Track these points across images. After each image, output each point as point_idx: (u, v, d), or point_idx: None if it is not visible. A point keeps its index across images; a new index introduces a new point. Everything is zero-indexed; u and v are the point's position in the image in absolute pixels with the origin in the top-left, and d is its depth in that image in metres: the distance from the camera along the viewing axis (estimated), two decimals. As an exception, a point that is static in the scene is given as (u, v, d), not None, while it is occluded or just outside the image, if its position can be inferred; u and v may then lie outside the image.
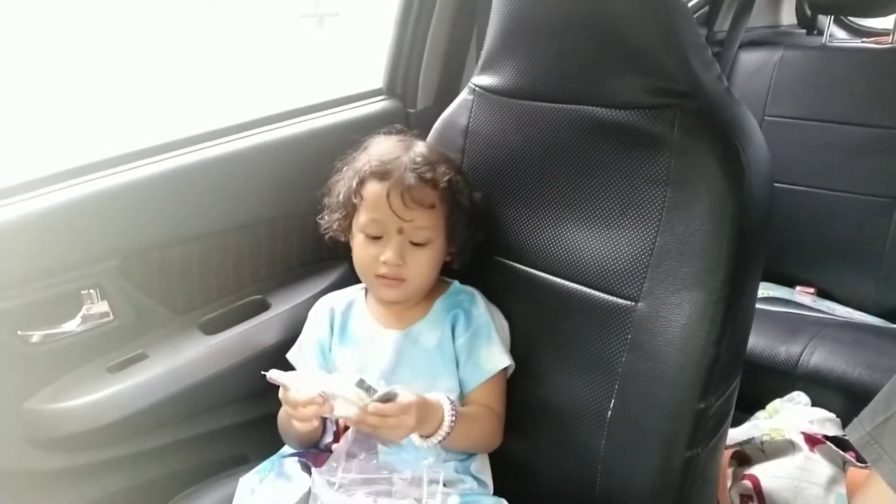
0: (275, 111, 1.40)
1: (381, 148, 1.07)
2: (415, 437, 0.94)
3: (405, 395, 0.90)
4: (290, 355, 1.12)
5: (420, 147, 1.07)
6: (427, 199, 1.02)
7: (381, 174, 1.02)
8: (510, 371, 1.06)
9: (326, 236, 1.11)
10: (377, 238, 1.03)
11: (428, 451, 0.96)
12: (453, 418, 0.95)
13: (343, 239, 1.10)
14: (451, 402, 0.96)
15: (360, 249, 1.05)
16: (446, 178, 1.03)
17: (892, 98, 1.82)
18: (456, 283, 1.11)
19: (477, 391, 1.04)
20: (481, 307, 1.07)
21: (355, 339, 1.08)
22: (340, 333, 1.10)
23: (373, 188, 1.02)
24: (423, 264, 1.04)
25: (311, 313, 1.14)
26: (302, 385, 0.91)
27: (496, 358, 1.04)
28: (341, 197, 1.06)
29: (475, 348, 1.04)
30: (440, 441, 0.94)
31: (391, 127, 1.13)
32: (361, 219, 1.04)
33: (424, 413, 0.92)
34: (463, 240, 1.07)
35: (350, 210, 1.06)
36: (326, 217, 1.10)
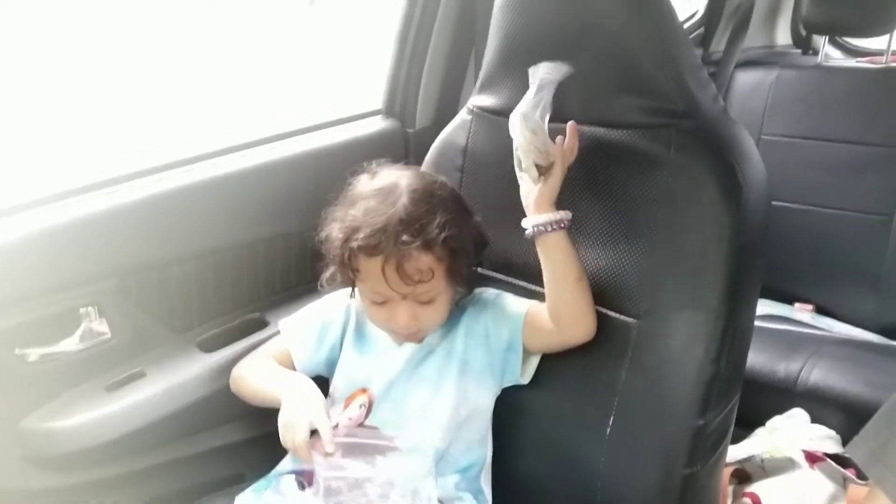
0: (274, 131, 1.41)
1: (365, 207, 0.96)
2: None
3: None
4: (285, 327, 1.12)
5: (405, 199, 0.95)
6: (425, 267, 0.94)
7: (372, 249, 0.92)
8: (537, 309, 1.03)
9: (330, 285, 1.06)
10: (383, 304, 0.99)
11: (424, 464, 0.96)
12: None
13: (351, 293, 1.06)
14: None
15: (370, 310, 1.02)
16: (440, 236, 0.93)
17: (886, 116, 1.84)
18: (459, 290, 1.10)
19: (525, 334, 1.02)
20: (486, 290, 1.08)
21: (370, 348, 1.08)
22: (356, 337, 1.09)
23: (366, 265, 0.95)
24: (436, 314, 1.01)
25: (326, 297, 1.12)
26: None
27: (520, 304, 1.04)
28: (337, 263, 0.99)
29: (499, 312, 1.04)
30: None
31: (376, 162, 1.04)
32: (362, 287, 1.01)
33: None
34: (467, 276, 1.04)
35: (351, 279, 1.01)
36: (328, 272, 1.03)
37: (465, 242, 0.98)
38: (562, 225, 0.95)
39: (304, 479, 1.01)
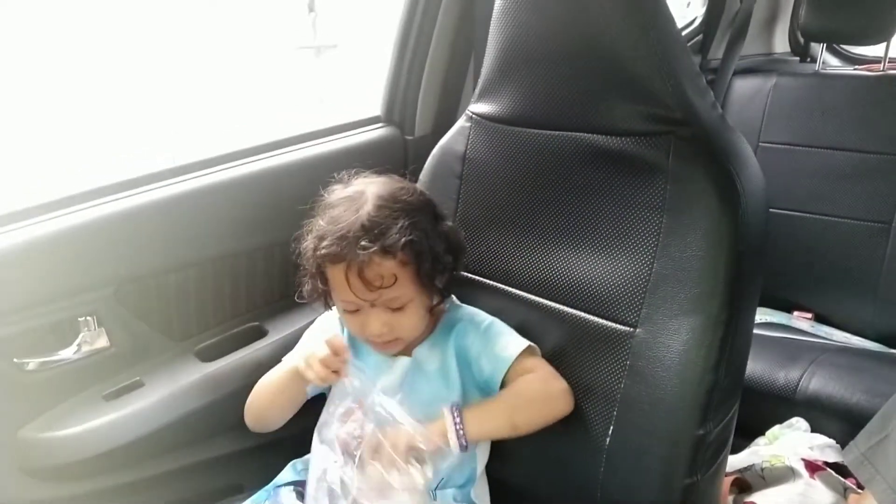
0: (274, 138, 1.41)
1: (333, 215, 0.97)
2: (453, 443, 0.93)
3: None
4: (288, 357, 1.09)
5: (368, 206, 0.96)
6: (387, 273, 0.94)
7: (334, 257, 0.94)
8: (531, 355, 1.03)
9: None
10: (357, 312, 0.99)
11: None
12: (456, 416, 0.93)
13: (327, 308, 1.08)
14: (452, 405, 0.95)
15: (346, 319, 1.03)
16: (401, 241, 0.93)
17: (884, 124, 1.84)
18: (452, 299, 1.10)
19: (507, 380, 1.01)
20: (481, 313, 1.07)
21: (365, 361, 1.07)
22: (350, 349, 1.08)
23: (332, 273, 0.97)
24: (409, 322, 1.00)
25: (319, 319, 1.13)
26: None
27: (511, 346, 1.01)
28: (309, 274, 1.01)
29: (488, 345, 1.02)
30: (464, 443, 0.92)
31: (345, 172, 1.05)
32: (334, 297, 1.01)
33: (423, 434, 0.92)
34: (443, 282, 1.03)
35: (324, 291, 1.02)
36: (307, 285, 1.04)
37: (432, 246, 0.98)
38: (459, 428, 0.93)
39: (304, 489, 1.01)
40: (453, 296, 1.11)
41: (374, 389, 0.94)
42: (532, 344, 1.02)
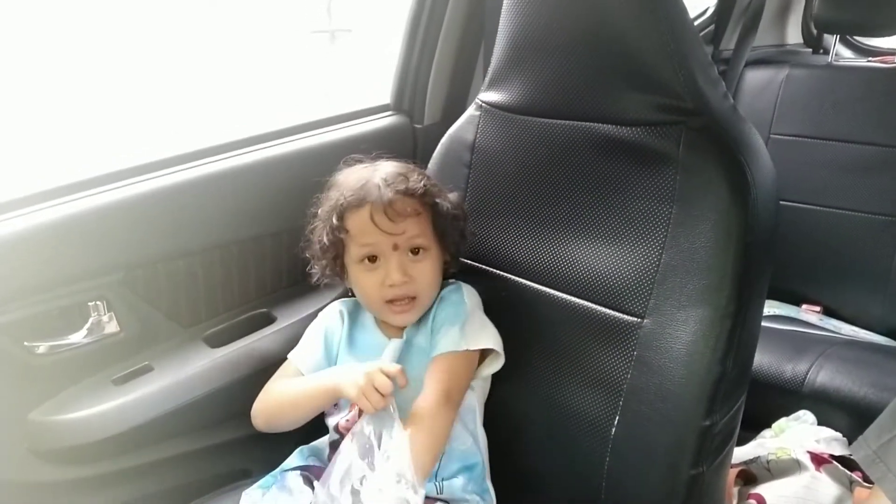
0: (284, 125, 1.41)
1: (348, 180, 1.05)
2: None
3: None
4: (293, 354, 1.11)
5: (386, 165, 1.06)
6: (410, 207, 1.01)
7: (358, 201, 1.00)
8: (486, 371, 1.05)
9: (322, 283, 1.10)
10: (374, 262, 1.02)
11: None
12: None
13: (339, 281, 1.09)
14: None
15: (362, 280, 1.04)
16: (422, 183, 1.03)
17: (897, 117, 1.83)
18: (451, 282, 1.11)
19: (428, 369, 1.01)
20: (461, 294, 1.07)
21: (362, 348, 1.08)
22: (348, 340, 1.10)
23: (355, 216, 1.01)
24: (427, 273, 1.03)
25: (321, 314, 1.14)
26: None
27: (448, 341, 1.01)
28: (325, 239, 1.04)
29: (440, 328, 1.03)
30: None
31: (351, 158, 1.10)
32: (353, 250, 1.03)
33: None
34: (454, 241, 1.07)
35: (339, 249, 1.04)
36: (316, 267, 1.09)
37: (445, 203, 1.05)
38: None
39: (312, 474, 1.01)
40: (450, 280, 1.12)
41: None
42: (463, 350, 1.01)
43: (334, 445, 1.04)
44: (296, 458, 1.08)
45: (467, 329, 1.03)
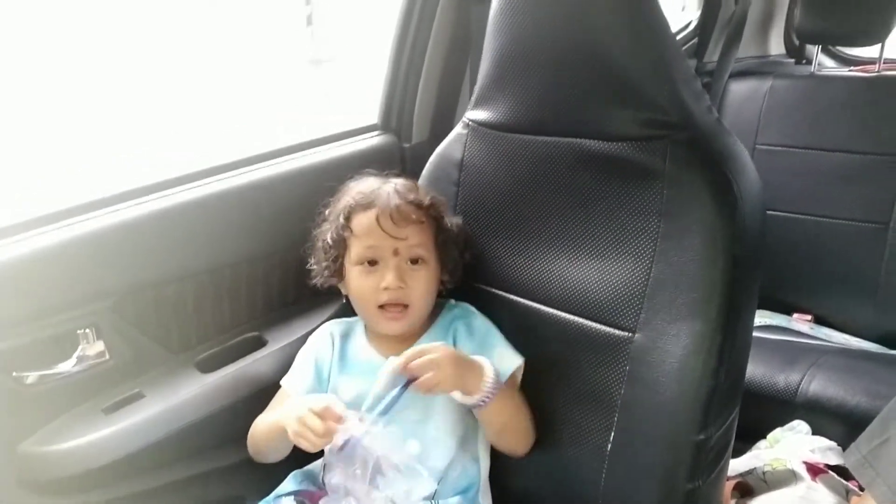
0: (270, 148, 1.41)
1: (360, 186, 1.09)
2: (457, 394, 0.95)
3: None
4: (285, 381, 1.11)
5: (397, 179, 1.10)
6: (415, 215, 1.04)
7: (367, 204, 1.04)
8: (519, 375, 1.05)
9: (319, 284, 1.12)
10: (373, 266, 1.03)
11: (425, 486, 0.95)
12: (493, 379, 0.95)
13: (336, 282, 1.10)
14: (492, 366, 0.97)
15: (359, 282, 1.05)
16: (429, 196, 1.08)
17: (879, 125, 1.85)
18: (450, 301, 1.11)
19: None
20: (479, 317, 1.08)
21: (355, 368, 1.08)
22: (340, 361, 1.09)
23: (361, 218, 1.04)
24: (422, 284, 1.04)
25: (310, 338, 1.14)
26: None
27: (508, 357, 1.04)
28: (329, 238, 1.07)
29: (486, 352, 1.03)
30: (484, 401, 0.95)
31: (366, 171, 1.14)
32: (354, 251, 1.05)
33: (463, 361, 0.95)
34: (453, 260, 1.08)
35: (341, 249, 1.06)
36: (315, 267, 1.11)
37: (449, 223, 1.09)
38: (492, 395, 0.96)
39: (306, 499, 1.00)
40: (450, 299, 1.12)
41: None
42: (522, 360, 1.04)
43: (329, 469, 1.03)
44: (290, 483, 1.07)
45: (510, 346, 1.06)
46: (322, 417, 0.90)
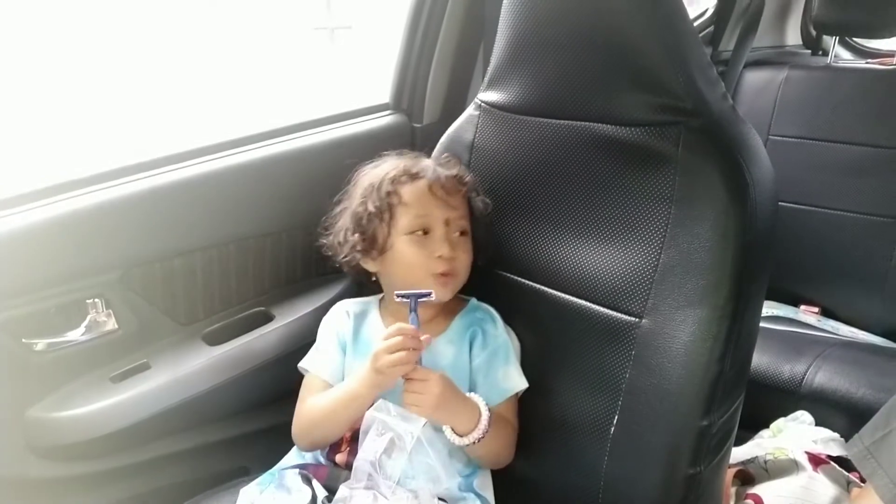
0: (282, 124, 1.41)
1: (387, 163, 1.09)
2: (448, 431, 0.96)
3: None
4: (311, 365, 1.09)
5: (429, 157, 1.12)
6: (460, 189, 1.07)
7: (413, 175, 1.06)
8: (517, 397, 1.06)
9: (341, 261, 1.10)
10: (426, 235, 1.04)
11: (436, 467, 0.96)
12: (488, 421, 0.97)
13: (364, 258, 1.08)
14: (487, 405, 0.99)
15: (410, 252, 1.04)
16: (466, 174, 1.10)
17: (895, 118, 1.83)
18: (473, 300, 1.11)
19: (495, 409, 1.02)
20: (500, 327, 1.08)
21: (368, 349, 1.07)
22: (354, 342, 1.09)
23: (411, 188, 1.05)
24: (468, 256, 1.07)
25: (326, 318, 1.13)
26: None
27: (513, 379, 1.04)
28: (372, 206, 1.05)
29: (493, 368, 1.04)
30: (476, 441, 0.96)
31: (382, 154, 1.14)
32: (405, 220, 1.04)
33: (453, 397, 0.95)
34: (484, 238, 1.09)
35: (387, 218, 1.04)
36: (341, 247, 1.08)
37: (482, 202, 1.10)
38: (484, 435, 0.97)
39: (309, 472, 1.01)
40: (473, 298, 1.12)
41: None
42: (525, 385, 1.05)
43: (333, 444, 1.04)
44: (294, 457, 1.08)
45: (518, 367, 1.06)
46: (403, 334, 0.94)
